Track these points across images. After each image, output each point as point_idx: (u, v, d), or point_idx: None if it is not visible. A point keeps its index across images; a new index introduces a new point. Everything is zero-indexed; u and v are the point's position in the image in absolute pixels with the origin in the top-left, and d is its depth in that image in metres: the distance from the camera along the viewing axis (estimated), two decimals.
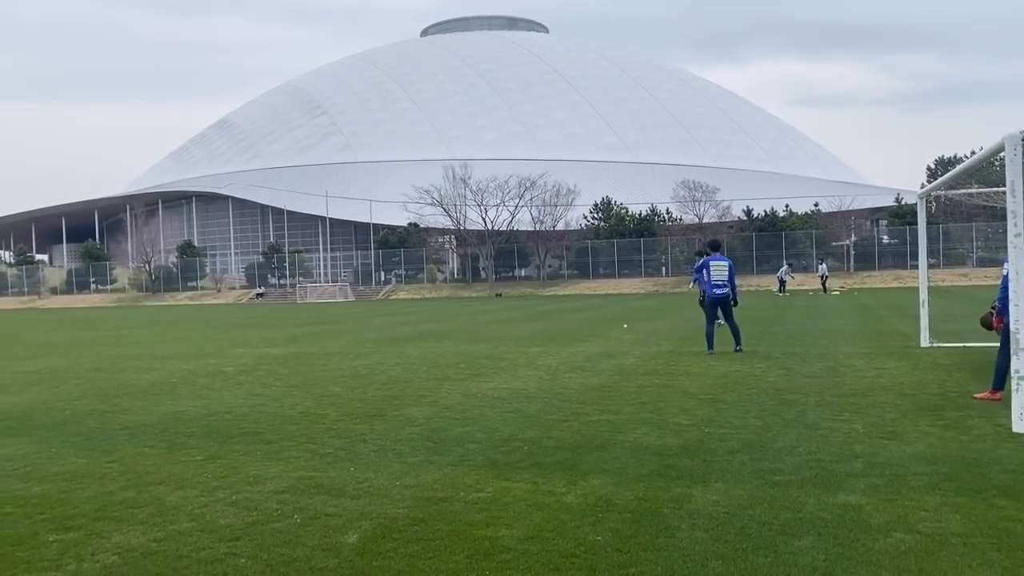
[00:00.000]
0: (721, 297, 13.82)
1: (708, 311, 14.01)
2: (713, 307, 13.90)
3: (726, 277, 13.84)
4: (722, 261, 14.00)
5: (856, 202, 63.81)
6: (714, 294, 13.84)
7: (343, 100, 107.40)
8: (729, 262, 14.14)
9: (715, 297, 13.85)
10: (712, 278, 13.84)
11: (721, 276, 13.82)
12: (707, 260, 14.06)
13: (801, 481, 5.74)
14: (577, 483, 5.82)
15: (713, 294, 13.85)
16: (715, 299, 13.86)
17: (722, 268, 13.87)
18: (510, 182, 65.62)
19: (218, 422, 8.61)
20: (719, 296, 13.82)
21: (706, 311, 14.10)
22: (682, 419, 8.08)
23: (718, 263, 13.93)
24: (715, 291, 13.82)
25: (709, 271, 13.90)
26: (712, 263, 13.93)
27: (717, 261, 13.96)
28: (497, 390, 10.31)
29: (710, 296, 13.92)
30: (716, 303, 13.88)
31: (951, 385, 9.77)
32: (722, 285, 13.77)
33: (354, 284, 69.90)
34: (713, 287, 13.82)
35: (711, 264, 13.93)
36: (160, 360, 15.58)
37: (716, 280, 13.81)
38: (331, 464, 6.59)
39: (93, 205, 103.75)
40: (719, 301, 13.86)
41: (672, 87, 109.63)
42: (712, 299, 13.89)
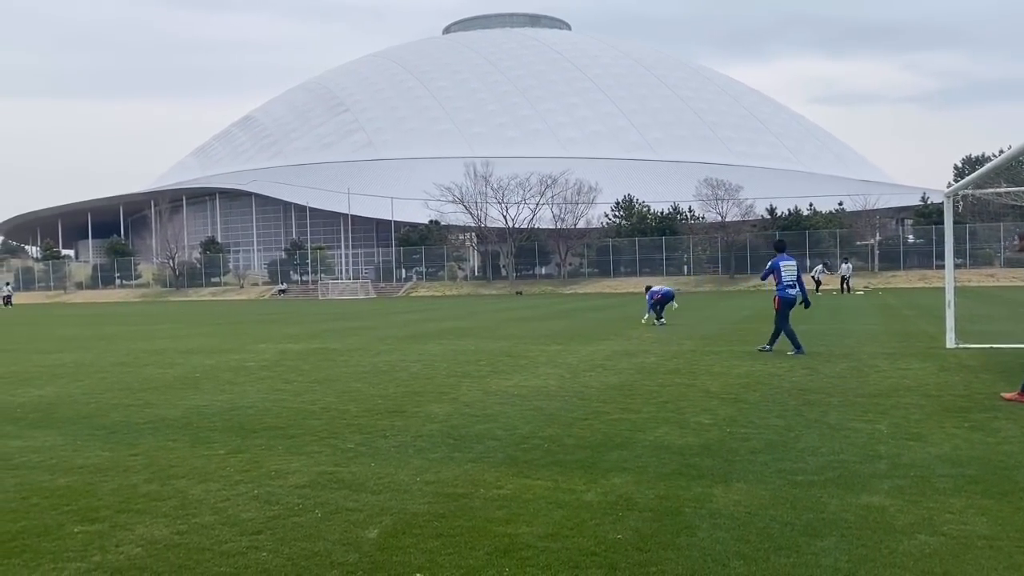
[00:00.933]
0: (794, 298, 13.43)
1: (783, 312, 13.44)
2: (789, 308, 13.42)
3: (795, 276, 13.51)
4: (791, 261, 13.65)
5: (881, 201, 63.14)
6: (788, 295, 13.40)
7: (365, 98, 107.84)
8: (796, 262, 13.87)
9: (789, 298, 13.40)
10: (784, 278, 13.43)
11: (792, 276, 13.46)
12: (776, 261, 13.61)
13: (824, 482, 5.68)
14: (597, 481, 5.80)
15: (787, 295, 13.39)
16: (790, 300, 13.40)
17: (792, 268, 13.56)
18: (531, 180, 65.53)
19: (240, 416, 8.68)
20: (793, 297, 13.42)
21: (779, 313, 13.48)
22: (703, 418, 8.03)
23: (788, 263, 13.56)
24: (788, 292, 13.39)
25: (780, 272, 13.47)
26: (782, 263, 13.52)
27: (787, 261, 13.57)
28: (517, 388, 10.30)
29: (783, 297, 13.41)
30: (791, 304, 13.42)
31: (977, 387, 9.64)
32: (794, 284, 13.42)
33: (375, 281, 70.16)
34: (785, 287, 13.40)
35: (781, 264, 13.50)
36: (183, 355, 15.72)
37: (788, 280, 13.43)
38: (352, 459, 6.62)
39: (118, 201, 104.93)
40: (793, 302, 13.44)
41: (696, 85, 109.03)
42: (786, 300, 13.40)
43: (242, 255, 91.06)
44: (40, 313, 44.88)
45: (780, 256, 13.61)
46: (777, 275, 13.48)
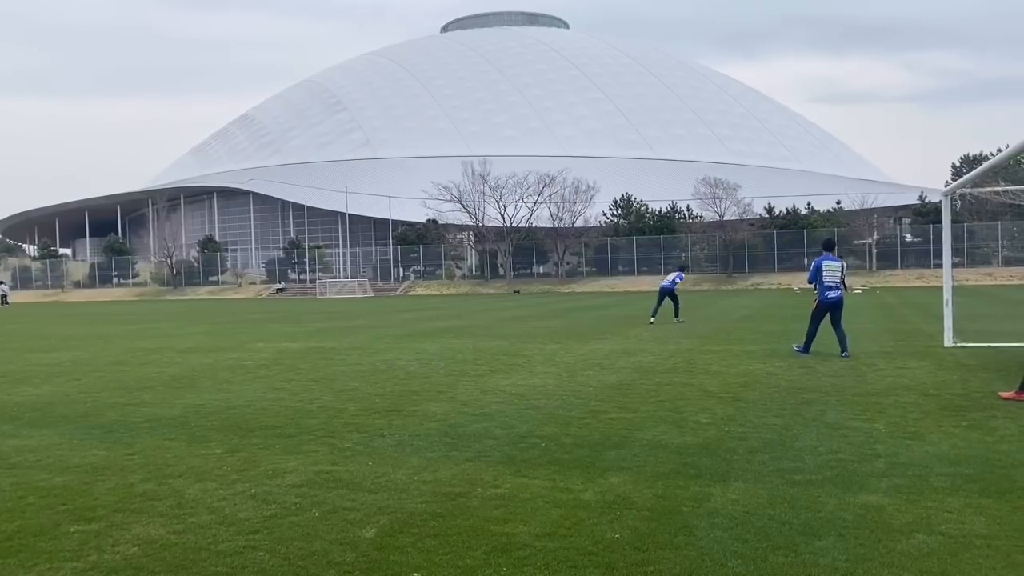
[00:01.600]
0: (835, 300, 12.60)
1: (817, 315, 12.74)
2: (825, 312, 12.65)
3: (839, 279, 12.67)
4: (836, 262, 12.75)
5: (879, 200, 63.21)
6: (827, 298, 12.58)
7: (363, 96, 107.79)
8: (842, 262, 12.95)
9: (829, 301, 12.57)
10: (825, 280, 12.59)
11: (835, 277, 12.62)
12: (819, 261, 12.74)
13: (822, 481, 5.68)
14: (595, 480, 5.79)
15: (826, 298, 12.58)
16: (829, 303, 12.58)
17: (835, 269, 12.66)
18: (529, 178, 65.51)
19: (238, 416, 8.66)
20: (833, 299, 12.58)
21: (816, 313, 12.76)
22: (701, 417, 8.02)
23: (831, 263, 12.67)
24: (828, 295, 12.58)
25: (821, 273, 12.61)
26: (825, 263, 12.64)
27: (830, 261, 12.69)
28: (515, 387, 10.29)
29: (823, 300, 12.61)
30: (829, 308, 12.59)
31: (975, 385, 9.64)
32: (835, 287, 12.61)
33: (373, 280, 70.12)
34: (826, 290, 12.58)
35: (823, 265, 12.62)
36: (181, 354, 15.70)
37: (829, 282, 12.58)
38: (349, 458, 6.61)
39: (116, 200, 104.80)
40: (833, 305, 12.58)
41: (694, 84, 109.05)
42: (826, 303, 12.59)
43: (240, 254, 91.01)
44: (37, 312, 44.81)
45: (824, 256, 12.82)
46: (819, 277, 12.68)
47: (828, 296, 12.55)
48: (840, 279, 12.71)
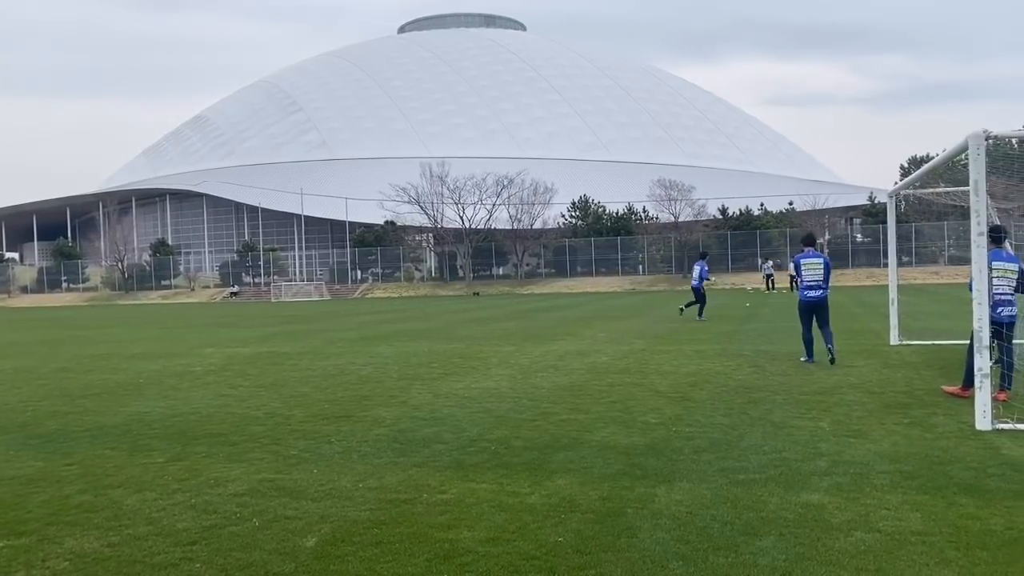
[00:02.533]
0: (815, 300, 11.84)
1: (802, 317, 12.02)
2: (808, 313, 11.92)
3: (821, 277, 11.86)
4: (816, 259, 11.97)
5: (830, 201, 64.37)
6: (807, 297, 11.90)
7: (320, 97, 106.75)
8: (826, 259, 12.10)
9: (808, 300, 11.88)
10: (805, 278, 11.93)
11: (815, 276, 11.86)
12: (799, 258, 12.10)
13: (765, 480, 5.74)
14: (542, 483, 5.78)
15: (805, 297, 11.92)
16: (809, 303, 11.88)
17: (816, 267, 11.89)
18: (487, 180, 65.47)
19: (183, 423, 8.49)
20: (812, 299, 11.86)
21: (800, 317, 12.10)
22: (650, 418, 8.07)
23: (811, 260, 11.93)
24: (807, 294, 11.89)
25: (801, 271, 11.99)
26: (804, 261, 11.95)
27: (810, 259, 11.95)
28: (468, 390, 10.25)
29: (803, 299, 11.97)
30: (810, 307, 11.89)
31: (918, 383, 9.85)
32: (816, 286, 11.85)
33: (330, 283, 69.47)
34: (805, 288, 11.94)
35: (802, 262, 11.96)
36: (128, 360, 15.37)
37: (809, 280, 11.89)
38: (294, 466, 6.51)
39: (66, 203, 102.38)
40: (813, 305, 11.87)
41: (649, 86, 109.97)
42: (805, 303, 11.92)
43: (193, 257, 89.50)
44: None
45: (804, 253, 12.10)
46: (799, 274, 12.10)
47: (807, 295, 11.90)
48: (823, 277, 11.87)
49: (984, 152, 7.16)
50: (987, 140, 7.19)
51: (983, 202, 7.14)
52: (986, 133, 7.18)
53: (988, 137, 7.19)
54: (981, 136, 7.19)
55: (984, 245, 7.18)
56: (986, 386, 7.22)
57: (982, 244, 7.17)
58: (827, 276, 11.91)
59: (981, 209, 7.15)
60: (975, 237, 7.19)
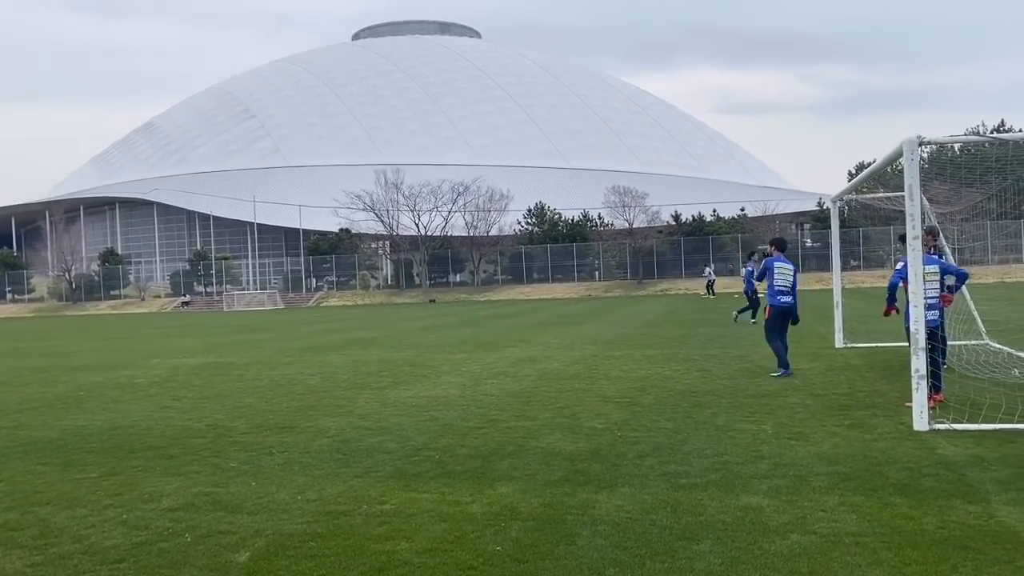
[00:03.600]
0: (788, 307, 11.27)
1: (774, 324, 11.29)
2: (781, 320, 11.27)
3: (791, 283, 11.32)
4: (787, 264, 11.39)
5: (780, 207, 65.43)
6: (780, 303, 11.22)
7: (272, 104, 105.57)
8: (794, 267, 11.58)
9: (781, 307, 11.21)
10: (776, 283, 11.23)
11: (786, 281, 11.26)
12: (770, 262, 11.38)
13: (706, 484, 5.76)
14: (484, 492, 5.74)
15: (779, 303, 11.22)
16: (782, 309, 11.23)
17: (787, 272, 11.31)
18: (443, 187, 65.32)
19: (121, 436, 8.28)
20: (785, 305, 11.23)
21: (769, 324, 11.36)
22: (596, 423, 8.07)
23: (783, 265, 11.32)
24: (780, 299, 11.22)
25: (772, 275, 11.24)
26: (776, 265, 11.28)
27: (782, 263, 11.33)
28: (416, 398, 10.17)
29: (775, 306, 11.25)
30: (783, 314, 11.26)
31: (860, 385, 10.01)
32: (787, 291, 11.26)
33: (284, 291, 68.63)
34: (777, 294, 11.22)
35: (775, 267, 11.24)
36: (69, 372, 14.97)
37: (780, 286, 11.21)
38: (232, 479, 6.38)
39: (10, 212, 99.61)
40: (786, 312, 11.28)
41: (604, 95, 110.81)
42: (778, 309, 11.22)
43: (144, 266, 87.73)
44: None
45: (776, 256, 11.47)
46: (769, 278, 11.32)
47: (781, 301, 11.23)
48: (793, 285, 11.38)
49: (918, 157, 7.31)
50: (920, 146, 7.34)
51: (918, 206, 7.28)
52: (919, 139, 7.33)
53: (922, 143, 7.35)
54: (915, 142, 7.34)
55: (919, 248, 7.32)
56: (923, 387, 7.35)
57: (917, 247, 7.31)
58: (795, 284, 11.44)
59: (916, 213, 7.29)
60: (910, 241, 7.33)
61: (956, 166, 12.15)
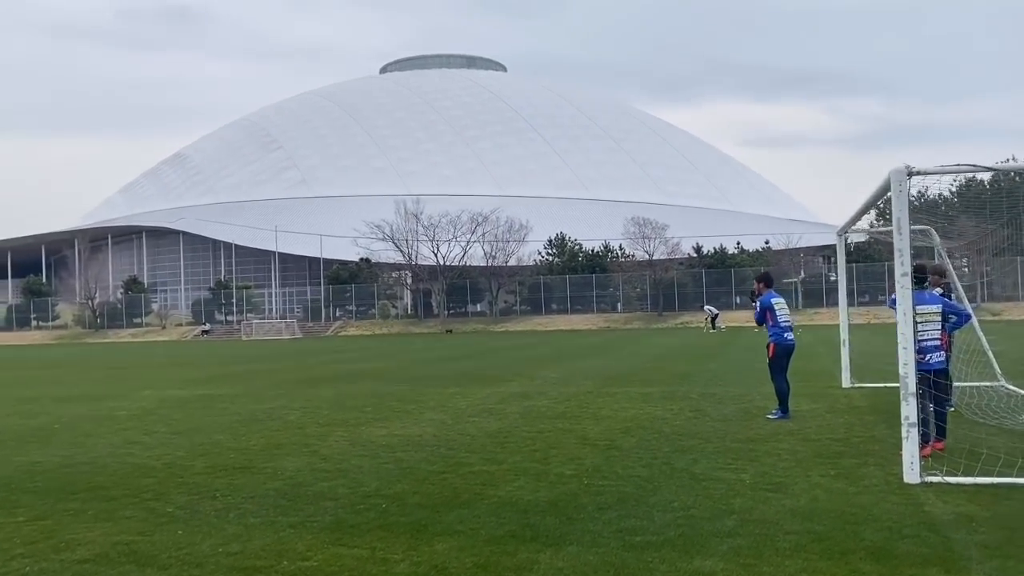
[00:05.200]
0: (793, 344, 10.79)
1: (780, 363, 10.60)
2: (787, 358, 10.68)
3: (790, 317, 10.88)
4: (781, 299, 11.00)
5: (804, 240, 64.49)
6: (786, 340, 10.60)
7: (300, 135, 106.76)
8: (783, 299, 11.20)
9: (788, 344, 10.62)
10: (780, 320, 10.62)
11: (788, 317, 10.76)
12: (769, 299, 10.76)
13: (662, 543, 5.27)
14: (419, 548, 5.29)
15: (784, 340, 10.58)
16: (788, 347, 10.63)
17: (786, 307, 10.90)
18: (462, 217, 65.26)
19: (71, 475, 7.93)
20: (790, 343, 10.68)
21: (774, 363, 10.65)
22: (567, 469, 7.59)
23: (781, 301, 10.90)
24: (787, 336, 10.62)
25: (775, 312, 10.66)
26: (775, 301, 10.76)
27: (778, 299, 10.88)
28: (389, 437, 9.74)
29: (781, 344, 10.58)
30: (790, 351, 10.70)
31: (859, 429, 9.43)
32: (791, 327, 10.75)
33: (304, 321, 68.71)
34: (785, 330, 10.62)
35: (774, 303, 10.71)
36: (56, 403, 14.73)
37: (785, 322, 10.65)
38: (162, 526, 5.98)
39: (41, 240, 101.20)
40: (792, 349, 10.77)
41: (627, 126, 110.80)
42: (784, 347, 10.60)
43: (169, 295, 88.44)
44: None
45: (771, 293, 10.90)
46: (772, 315, 10.67)
47: (787, 338, 10.60)
48: None
49: (907, 188, 6.83)
50: (909, 176, 6.87)
51: (906, 241, 6.79)
52: (908, 168, 6.86)
53: (911, 173, 6.87)
54: (903, 171, 6.87)
55: (908, 286, 6.82)
56: (913, 436, 6.81)
57: (906, 285, 6.81)
58: None
59: (904, 248, 6.80)
60: (899, 278, 6.83)
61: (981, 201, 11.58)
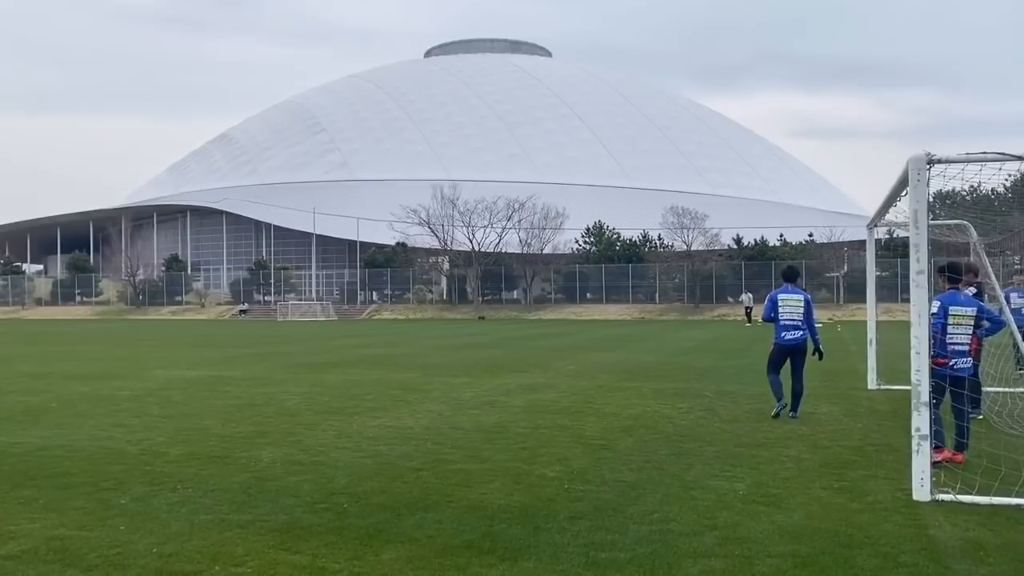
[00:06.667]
0: (793, 344, 9.99)
1: (775, 361, 10.16)
2: (782, 357, 10.09)
3: (800, 317, 10.03)
4: (796, 295, 10.15)
5: (847, 233, 62.74)
6: (783, 340, 10.00)
7: (343, 118, 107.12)
8: (807, 296, 10.29)
9: (785, 344, 10.01)
10: (781, 318, 10.00)
11: (793, 315, 10.01)
12: (775, 294, 10.20)
13: (628, 560, 4.80)
14: (364, 557, 4.89)
15: (782, 340, 10.01)
16: (786, 346, 10.02)
17: (795, 304, 10.06)
18: (499, 203, 64.75)
19: (39, 459, 7.70)
20: (790, 343, 9.99)
21: (770, 361, 10.26)
22: (550, 470, 7.14)
23: (789, 296, 10.10)
24: (784, 335, 10.00)
25: (777, 308, 10.07)
26: (781, 297, 10.09)
27: (788, 294, 10.12)
28: (379, 428, 9.37)
29: (778, 342, 10.06)
30: (787, 351, 10.04)
31: (875, 437, 8.80)
32: (794, 326, 9.99)
33: (340, 303, 68.97)
34: (782, 329, 10.00)
35: (779, 299, 10.08)
36: (64, 380, 14.66)
37: (786, 320, 9.99)
38: (107, 519, 5.67)
39: (88, 216, 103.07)
40: (791, 349, 10.02)
41: (673, 114, 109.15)
42: (781, 346, 10.03)
43: (212, 274, 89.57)
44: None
45: (782, 288, 10.30)
46: (775, 311, 10.09)
47: (784, 338, 10.01)
48: (803, 317, 10.04)
49: (925, 178, 6.21)
50: (930, 165, 6.25)
51: (924, 236, 6.18)
52: (928, 156, 6.23)
53: (931, 161, 6.25)
54: (922, 159, 6.25)
55: (924, 285, 6.20)
56: (924, 449, 6.22)
57: (922, 284, 6.20)
58: (808, 315, 10.08)
59: (921, 244, 6.19)
60: (914, 276, 6.22)
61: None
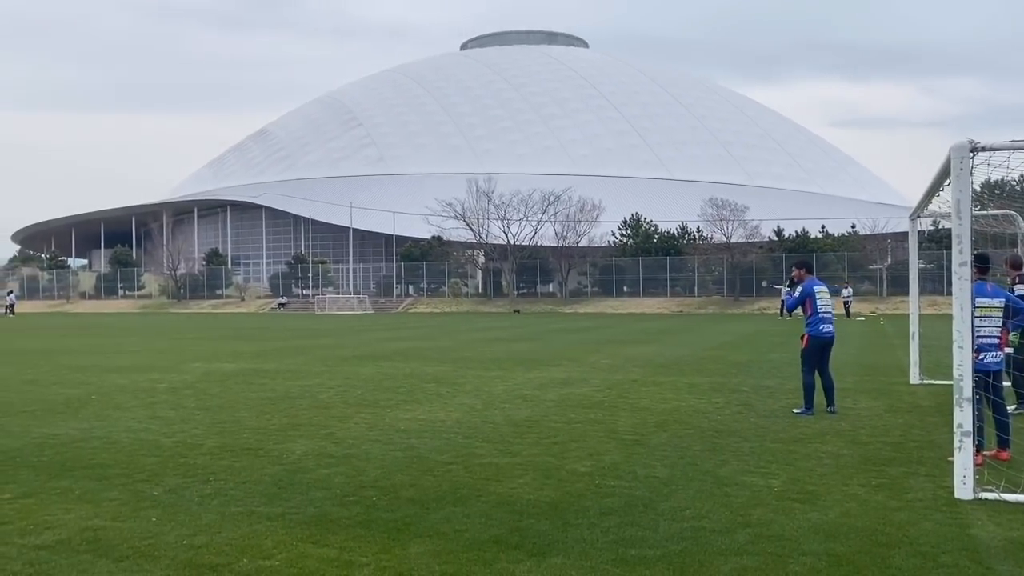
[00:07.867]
0: (831, 338, 10.02)
1: (812, 356, 9.91)
2: (820, 351, 9.94)
3: (832, 308, 10.12)
4: (825, 286, 10.27)
5: (890, 225, 61.54)
6: (823, 332, 9.87)
7: (379, 112, 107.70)
8: (826, 287, 10.38)
9: (824, 337, 9.90)
10: (820, 310, 9.85)
11: (829, 308, 9.98)
12: (810, 286, 9.96)
13: (658, 558, 4.72)
14: (391, 551, 4.86)
15: (822, 333, 9.87)
16: (824, 340, 9.91)
17: (828, 296, 10.11)
18: (534, 196, 64.59)
19: (78, 450, 7.82)
20: (829, 336, 9.96)
21: (807, 357, 9.93)
22: (581, 465, 7.06)
23: (823, 288, 10.13)
24: (823, 328, 9.87)
25: (815, 300, 9.86)
26: (817, 289, 9.97)
27: (822, 286, 10.15)
28: (412, 421, 9.37)
29: (819, 336, 9.88)
30: (826, 345, 9.97)
31: (916, 432, 8.59)
32: (831, 319, 9.98)
33: (376, 297, 69.43)
34: (821, 322, 9.85)
35: (816, 291, 9.91)
36: (103, 373, 14.91)
37: (824, 312, 9.87)
38: (140, 511, 5.72)
39: (131, 211, 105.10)
40: (830, 342, 10.02)
41: (711, 104, 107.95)
42: (820, 340, 9.89)
43: (252, 268, 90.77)
44: (27, 323, 44.45)
45: (813, 280, 10.11)
46: (811, 304, 9.86)
47: (822, 331, 9.85)
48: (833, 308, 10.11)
49: (968, 167, 6.01)
50: (973, 153, 6.04)
51: (967, 226, 5.98)
52: (972, 144, 6.03)
53: (975, 149, 6.04)
54: (966, 147, 6.04)
55: (967, 277, 6.01)
56: (967, 446, 6.04)
57: (965, 276, 6.01)
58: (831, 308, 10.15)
59: (964, 235, 5.99)
60: (956, 268, 6.03)
61: None
